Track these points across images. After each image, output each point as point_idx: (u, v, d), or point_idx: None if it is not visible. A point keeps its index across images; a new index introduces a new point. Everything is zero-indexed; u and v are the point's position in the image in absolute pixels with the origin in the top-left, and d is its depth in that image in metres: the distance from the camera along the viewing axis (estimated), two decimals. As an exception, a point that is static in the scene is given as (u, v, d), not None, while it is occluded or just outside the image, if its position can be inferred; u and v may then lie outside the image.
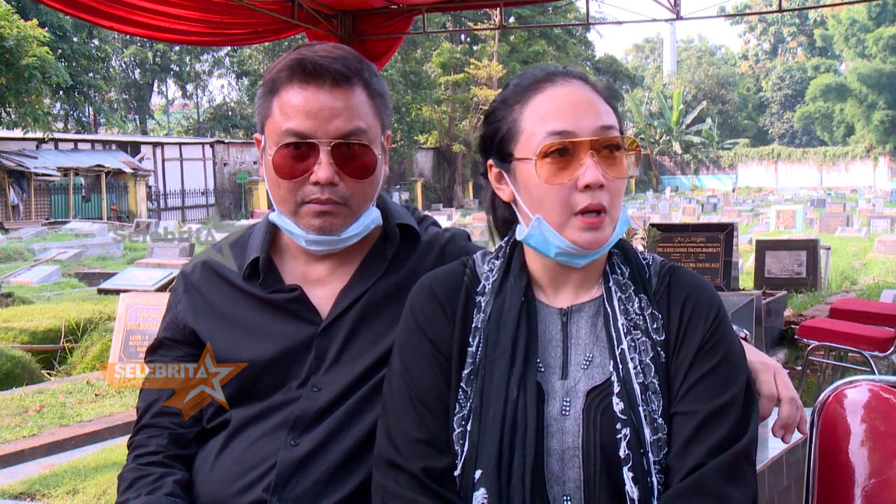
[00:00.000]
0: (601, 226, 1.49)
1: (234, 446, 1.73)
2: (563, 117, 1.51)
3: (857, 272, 15.32)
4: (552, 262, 1.58)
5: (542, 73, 1.58)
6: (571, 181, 1.49)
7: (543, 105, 1.53)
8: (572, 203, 1.49)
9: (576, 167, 1.49)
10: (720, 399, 1.47)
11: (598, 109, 1.52)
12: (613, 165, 1.51)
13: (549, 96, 1.54)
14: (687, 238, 10.16)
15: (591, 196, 1.48)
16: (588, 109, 1.52)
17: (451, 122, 47.63)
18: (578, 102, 1.52)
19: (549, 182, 1.50)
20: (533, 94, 1.55)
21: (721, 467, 1.42)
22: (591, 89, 1.55)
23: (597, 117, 1.51)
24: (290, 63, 1.71)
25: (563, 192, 1.50)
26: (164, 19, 7.90)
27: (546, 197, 1.51)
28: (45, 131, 28.63)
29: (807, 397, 6.81)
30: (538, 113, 1.53)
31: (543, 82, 1.56)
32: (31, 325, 9.23)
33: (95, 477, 4.87)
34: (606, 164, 1.50)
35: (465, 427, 1.51)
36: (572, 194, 1.49)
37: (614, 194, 1.51)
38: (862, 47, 58.65)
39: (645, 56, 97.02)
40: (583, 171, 1.48)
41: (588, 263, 1.56)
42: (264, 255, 1.82)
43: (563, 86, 1.54)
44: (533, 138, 1.52)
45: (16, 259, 19.51)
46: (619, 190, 1.52)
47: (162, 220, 32.33)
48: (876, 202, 35.96)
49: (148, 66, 52.04)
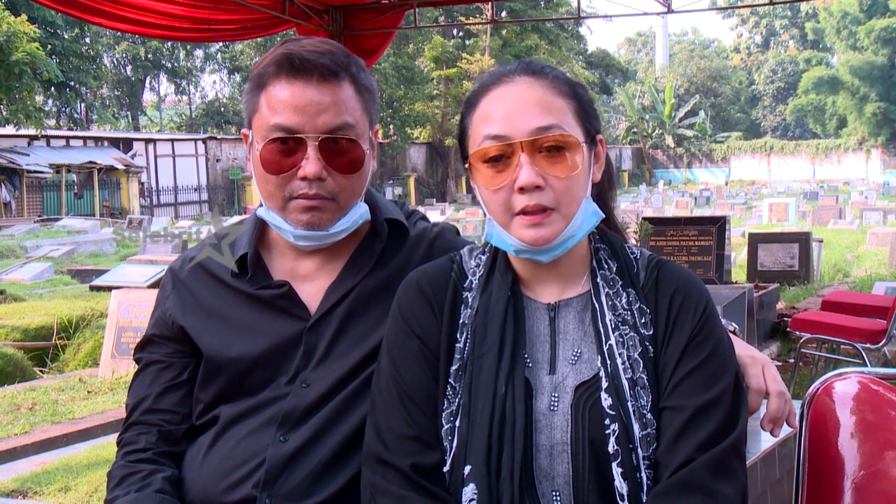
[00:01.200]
0: (544, 222, 1.48)
1: (224, 443, 1.73)
2: (499, 120, 1.51)
3: (849, 264, 15.36)
4: (527, 259, 1.57)
5: (491, 77, 1.58)
6: (509, 183, 1.49)
7: (484, 108, 1.54)
8: (512, 205, 1.50)
9: (512, 170, 1.49)
10: (709, 394, 1.47)
11: (539, 108, 1.50)
12: (556, 164, 1.49)
13: (490, 99, 1.54)
14: (679, 231, 10.17)
15: (527, 197, 1.48)
16: (524, 111, 1.50)
17: (444, 117, 47.59)
18: (516, 104, 1.51)
19: (489, 186, 1.51)
20: (482, 97, 1.56)
21: (710, 463, 1.42)
22: (539, 85, 1.53)
23: (533, 117, 1.49)
24: (278, 58, 1.71)
25: (502, 195, 1.50)
26: (150, 15, 7.88)
27: (490, 199, 1.53)
28: (37, 128, 28.57)
29: (799, 390, 6.83)
30: (480, 116, 1.54)
31: (490, 85, 1.56)
32: (24, 322, 9.20)
33: (87, 474, 4.86)
34: (547, 163, 1.49)
35: (453, 423, 1.51)
36: (511, 196, 1.49)
37: (561, 192, 1.49)
38: (854, 40, 58.71)
39: (637, 50, 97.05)
40: (517, 174, 1.48)
41: (565, 257, 1.56)
42: (252, 250, 1.82)
43: (506, 87, 1.54)
44: (474, 143, 1.54)
45: (8, 256, 19.45)
46: (566, 188, 1.50)
47: (155, 217, 32.27)
48: (868, 194, 36.06)
49: (140, 62, 51.83)
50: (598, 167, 1.61)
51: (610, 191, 1.72)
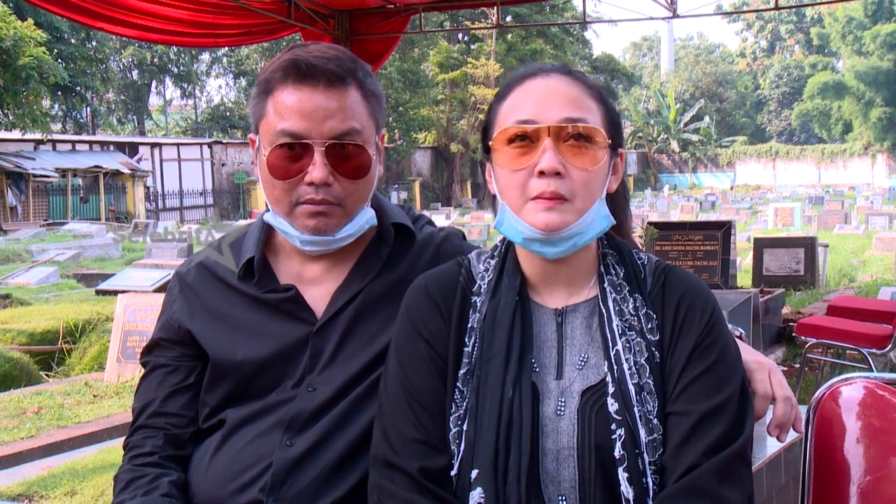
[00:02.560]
0: (557, 207, 1.48)
1: (230, 446, 1.73)
2: (530, 106, 1.52)
3: (855, 269, 15.34)
4: (539, 260, 1.58)
5: (528, 70, 1.60)
6: (530, 167, 1.50)
7: (516, 97, 1.56)
8: (529, 189, 1.50)
9: (535, 153, 1.49)
10: (715, 399, 1.47)
11: (570, 102, 1.52)
12: (579, 155, 1.50)
13: (523, 88, 1.56)
14: (685, 236, 10.16)
15: (545, 183, 1.48)
16: (557, 100, 1.52)
17: (449, 121, 47.61)
18: (549, 93, 1.53)
19: (510, 167, 1.52)
20: (514, 88, 1.58)
21: (716, 468, 1.42)
22: (573, 84, 1.55)
23: (564, 108, 1.51)
24: (285, 63, 1.71)
25: (521, 177, 1.50)
26: (155, 20, 7.89)
27: (508, 183, 1.53)
28: (43, 132, 28.60)
29: (805, 395, 6.82)
30: (511, 104, 1.55)
31: (526, 76, 1.58)
32: (29, 326, 9.21)
33: (93, 478, 4.87)
34: (571, 153, 1.49)
35: (461, 427, 1.51)
36: (529, 180, 1.50)
37: (579, 184, 1.50)
38: (859, 45, 58.66)
39: (642, 54, 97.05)
40: (539, 157, 1.48)
41: (574, 259, 1.56)
42: (259, 254, 1.82)
43: (541, 79, 1.56)
44: (501, 125, 1.54)
45: (14, 260, 19.49)
46: (585, 180, 1.50)
47: (160, 221, 32.32)
48: (874, 199, 35.97)
49: (146, 66, 51.96)
50: (616, 178, 1.61)
51: (626, 207, 1.73)
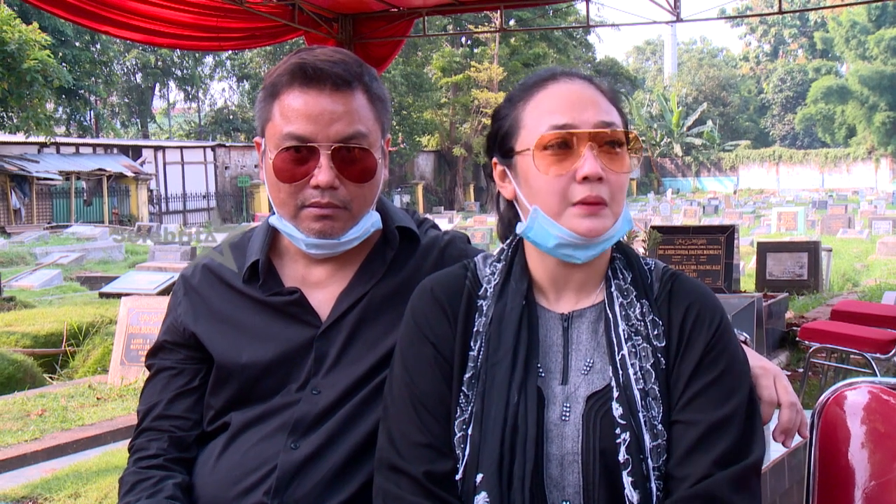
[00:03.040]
0: (601, 213, 1.49)
1: (235, 449, 1.73)
2: (564, 111, 1.52)
3: (858, 274, 15.33)
4: (553, 263, 1.57)
5: (547, 73, 1.60)
6: (570, 172, 1.49)
7: (545, 100, 1.55)
8: (570, 194, 1.49)
9: (575, 159, 1.49)
10: (723, 410, 1.46)
11: (600, 106, 1.53)
12: (615, 160, 1.51)
13: (551, 92, 1.55)
14: (688, 240, 10.16)
15: (589, 188, 1.48)
16: (589, 104, 1.53)
17: (452, 125, 47.63)
18: (580, 98, 1.53)
19: (548, 173, 1.50)
20: (536, 91, 1.57)
21: (731, 478, 1.42)
22: (594, 88, 1.56)
23: (598, 112, 1.52)
24: (291, 67, 1.71)
25: (561, 183, 1.50)
26: (158, 24, 7.90)
27: (544, 188, 1.51)
28: (47, 135, 28.68)
29: (809, 399, 6.81)
30: (540, 108, 1.55)
31: (547, 80, 1.57)
32: (33, 329, 9.23)
33: (97, 481, 4.87)
34: (607, 158, 1.50)
35: (466, 431, 1.50)
36: (570, 185, 1.49)
37: (615, 189, 1.50)
38: (863, 49, 58.63)
39: (646, 58, 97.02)
40: (581, 163, 1.48)
41: (588, 264, 1.56)
42: (264, 257, 1.82)
43: (565, 83, 1.56)
44: (534, 132, 1.53)
45: (18, 263, 19.52)
46: (620, 185, 1.51)
47: (163, 224, 32.37)
48: (878, 204, 35.97)
49: (150, 69, 52.02)
50: None
51: None
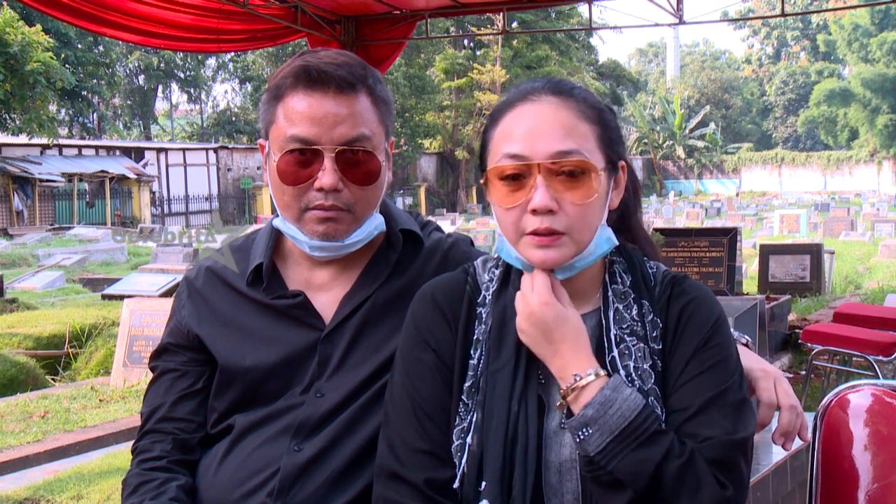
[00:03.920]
0: (554, 244, 1.47)
1: (238, 451, 1.73)
2: (520, 139, 1.49)
3: (861, 276, 15.31)
4: None
5: (518, 92, 1.56)
6: (523, 203, 1.48)
7: (507, 125, 1.53)
8: (522, 225, 1.49)
9: (528, 190, 1.48)
10: (712, 392, 1.45)
11: (561, 131, 1.48)
12: (572, 189, 1.47)
13: (514, 116, 1.53)
14: (690, 243, 10.16)
15: (539, 220, 1.46)
16: (547, 131, 1.48)
17: (455, 127, 47.63)
18: (538, 125, 1.49)
19: (502, 204, 1.50)
20: (506, 113, 1.55)
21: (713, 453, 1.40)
22: (565, 107, 1.51)
23: (554, 140, 1.47)
24: (295, 69, 1.72)
25: (515, 214, 1.49)
26: (159, 26, 7.92)
27: (500, 216, 1.52)
28: (50, 137, 28.73)
29: (811, 402, 6.81)
30: (503, 132, 1.53)
31: (516, 101, 1.54)
32: (36, 330, 9.23)
33: (100, 482, 4.87)
34: (564, 187, 1.47)
35: (464, 440, 1.49)
36: (523, 216, 1.48)
37: (575, 218, 1.47)
38: (865, 52, 58.55)
39: (648, 60, 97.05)
40: (532, 195, 1.47)
41: (582, 272, 1.54)
42: (268, 260, 1.82)
43: (531, 105, 1.52)
44: (494, 157, 1.53)
45: (20, 265, 19.54)
46: (580, 215, 1.48)
47: (166, 226, 32.39)
48: (880, 206, 35.92)
49: (152, 71, 52.04)
50: (617, 193, 1.59)
51: (636, 211, 1.72)
